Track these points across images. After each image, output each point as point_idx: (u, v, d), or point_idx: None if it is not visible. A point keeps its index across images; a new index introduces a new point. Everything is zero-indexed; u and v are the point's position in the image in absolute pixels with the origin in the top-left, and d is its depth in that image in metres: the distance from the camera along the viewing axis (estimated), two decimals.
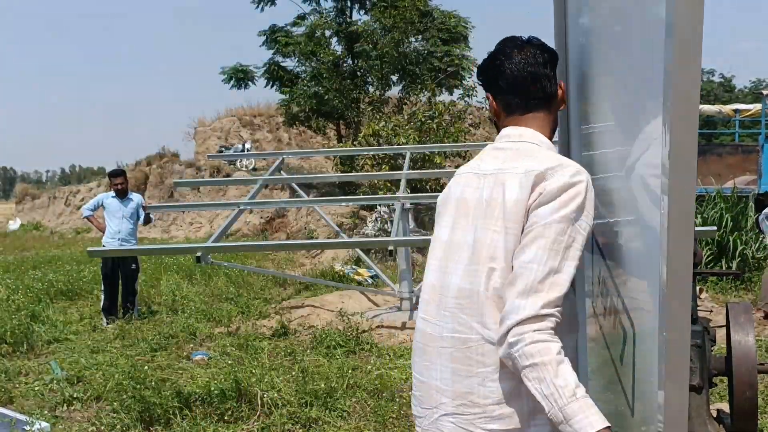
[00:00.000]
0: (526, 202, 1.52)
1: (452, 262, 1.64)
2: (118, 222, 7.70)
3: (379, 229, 12.85)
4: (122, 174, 8.02)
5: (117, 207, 7.72)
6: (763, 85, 49.25)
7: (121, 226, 7.70)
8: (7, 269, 11.55)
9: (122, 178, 7.84)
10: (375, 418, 4.35)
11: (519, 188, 1.54)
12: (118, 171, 8.20)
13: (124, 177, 7.92)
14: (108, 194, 7.88)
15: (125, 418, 4.34)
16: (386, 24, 16.51)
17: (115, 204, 7.73)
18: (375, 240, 10.19)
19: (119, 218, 7.70)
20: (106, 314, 7.54)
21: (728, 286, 8.08)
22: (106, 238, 7.75)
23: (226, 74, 19.62)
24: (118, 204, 7.73)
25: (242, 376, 4.59)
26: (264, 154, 15.54)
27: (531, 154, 1.61)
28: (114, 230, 7.70)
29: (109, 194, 7.87)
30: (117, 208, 7.72)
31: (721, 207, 9.00)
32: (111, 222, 7.74)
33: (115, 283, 7.69)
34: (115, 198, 7.75)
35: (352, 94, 17.35)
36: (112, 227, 7.72)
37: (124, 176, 7.94)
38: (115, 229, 7.70)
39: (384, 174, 12.46)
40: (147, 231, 19.95)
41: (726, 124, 22.75)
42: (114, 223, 7.71)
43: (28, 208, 27.93)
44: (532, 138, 1.67)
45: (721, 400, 4.51)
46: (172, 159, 22.21)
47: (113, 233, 7.69)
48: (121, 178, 7.85)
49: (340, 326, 6.69)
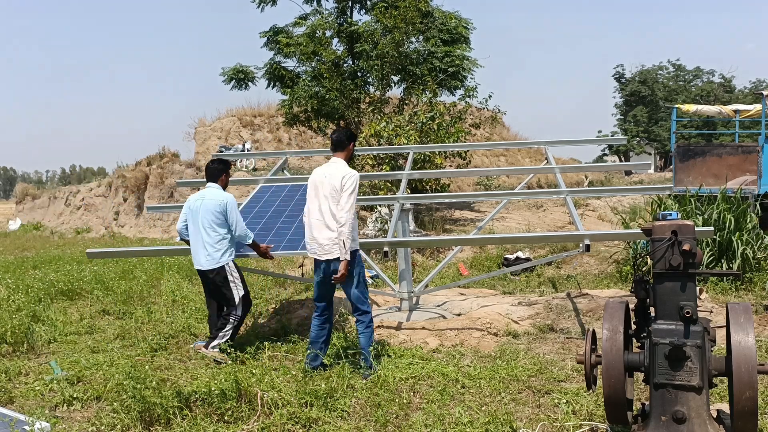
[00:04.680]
0: (340, 184, 5.23)
1: (321, 209, 5.34)
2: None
3: (379, 230, 12.85)
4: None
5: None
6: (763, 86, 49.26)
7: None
8: (7, 269, 11.55)
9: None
10: (375, 418, 4.36)
11: (339, 180, 5.24)
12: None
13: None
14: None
15: (125, 418, 4.34)
16: (387, 24, 16.51)
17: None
18: (369, 241, 10.17)
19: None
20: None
21: (728, 286, 8.08)
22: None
23: (227, 75, 19.65)
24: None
25: (242, 376, 4.59)
26: (265, 154, 15.51)
27: (341, 166, 5.40)
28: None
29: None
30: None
31: (722, 207, 8.99)
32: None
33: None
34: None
35: (353, 94, 17.35)
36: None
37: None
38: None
39: (384, 174, 12.45)
40: (147, 231, 19.96)
41: (726, 124, 22.75)
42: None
43: (29, 208, 27.95)
44: (342, 161, 5.51)
45: (721, 400, 4.51)
46: (172, 159, 22.22)
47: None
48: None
49: (340, 326, 6.70)
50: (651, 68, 59.72)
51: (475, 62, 18.80)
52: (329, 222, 5.25)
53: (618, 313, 3.65)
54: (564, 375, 5.22)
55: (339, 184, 5.23)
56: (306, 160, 22.48)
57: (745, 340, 3.35)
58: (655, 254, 3.53)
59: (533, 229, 15.05)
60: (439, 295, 8.58)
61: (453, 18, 18.86)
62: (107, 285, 9.19)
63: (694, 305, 3.47)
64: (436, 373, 5.26)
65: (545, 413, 4.41)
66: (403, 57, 17.25)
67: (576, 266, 10.64)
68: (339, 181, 5.24)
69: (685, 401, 3.42)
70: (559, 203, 18.63)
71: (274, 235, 6.47)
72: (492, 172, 12.01)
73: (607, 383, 3.51)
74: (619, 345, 3.53)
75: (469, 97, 17.77)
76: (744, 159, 11.82)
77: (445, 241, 9.26)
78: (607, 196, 18.40)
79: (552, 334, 6.60)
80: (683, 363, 3.41)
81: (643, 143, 55.32)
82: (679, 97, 53.53)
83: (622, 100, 60.15)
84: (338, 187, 5.23)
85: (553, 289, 8.94)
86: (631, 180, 33.31)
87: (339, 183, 5.24)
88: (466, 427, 4.15)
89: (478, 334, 6.55)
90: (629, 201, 19.04)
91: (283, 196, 7.61)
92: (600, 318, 6.64)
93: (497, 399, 4.71)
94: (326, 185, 5.32)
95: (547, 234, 11.85)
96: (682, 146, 12.64)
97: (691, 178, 11.87)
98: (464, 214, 17.92)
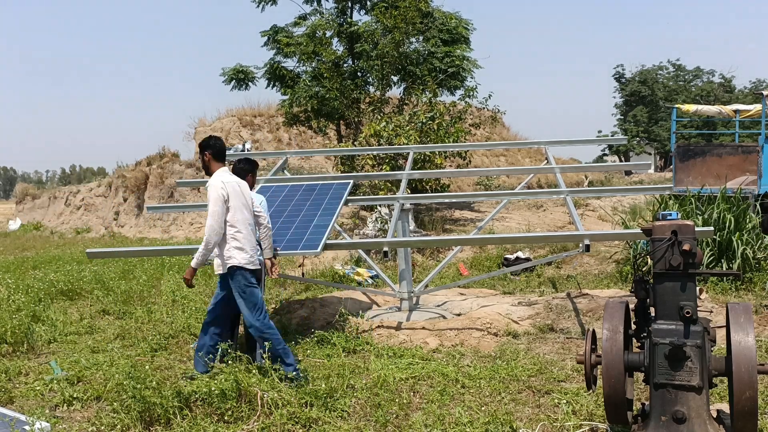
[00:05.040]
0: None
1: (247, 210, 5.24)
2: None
3: (379, 230, 12.85)
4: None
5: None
6: (763, 86, 49.26)
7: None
8: (7, 269, 11.55)
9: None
10: (375, 418, 4.36)
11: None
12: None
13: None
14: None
15: (125, 418, 4.34)
16: (387, 24, 16.52)
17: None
18: (369, 241, 10.19)
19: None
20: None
21: (728, 286, 8.08)
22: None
23: (227, 75, 19.65)
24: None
25: (242, 376, 4.59)
26: (265, 154, 15.52)
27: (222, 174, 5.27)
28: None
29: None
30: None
31: (722, 207, 8.98)
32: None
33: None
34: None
35: (353, 94, 17.36)
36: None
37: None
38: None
39: (384, 174, 12.44)
40: (147, 231, 19.96)
41: (726, 124, 22.75)
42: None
43: (29, 208, 27.94)
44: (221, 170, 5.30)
45: (721, 400, 4.51)
46: (172, 159, 22.19)
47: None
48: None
49: (340, 326, 6.70)
50: (651, 68, 59.70)
51: (475, 62, 18.81)
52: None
53: (618, 313, 3.65)
54: (564, 375, 5.22)
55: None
56: (306, 160, 22.48)
57: (745, 340, 3.34)
58: (655, 254, 3.53)
59: (533, 229, 15.05)
60: (439, 295, 8.58)
61: (453, 18, 18.86)
62: (107, 285, 9.19)
63: (694, 305, 3.47)
64: (436, 373, 5.26)
65: (545, 413, 4.41)
66: (403, 57, 17.25)
67: (576, 266, 10.64)
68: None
69: (685, 401, 3.42)
70: (559, 203, 18.63)
71: (274, 235, 6.46)
72: (492, 172, 12.02)
73: (607, 383, 3.51)
74: (619, 345, 3.53)
75: (469, 97, 17.78)
76: (744, 159, 11.82)
77: (445, 241, 9.26)
78: (607, 196, 18.40)
79: (552, 334, 6.60)
80: (683, 363, 3.41)
81: (643, 143, 55.30)
82: (679, 97, 53.52)
83: (622, 100, 60.13)
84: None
85: (553, 289, 8.94)
86: (631, 180, 33.30)
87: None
88: (466, 427, 4.15)
89: (478, 334, 6.55)
90: (629, 201, 19.03)
91: (283, 196, 7.61)
92: (600, 318, 6.64)
93: (497, 399, 4.71)
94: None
95: (547, 234, 11.85)
96: (682, 146, 12.64)
97: (691, 178, 11.87)
98: (464, 214, 17.91)
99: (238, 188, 5.28)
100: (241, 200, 5.24)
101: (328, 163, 21.77)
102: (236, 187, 5.26)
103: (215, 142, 5.44)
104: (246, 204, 5.29)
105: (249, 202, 5.36)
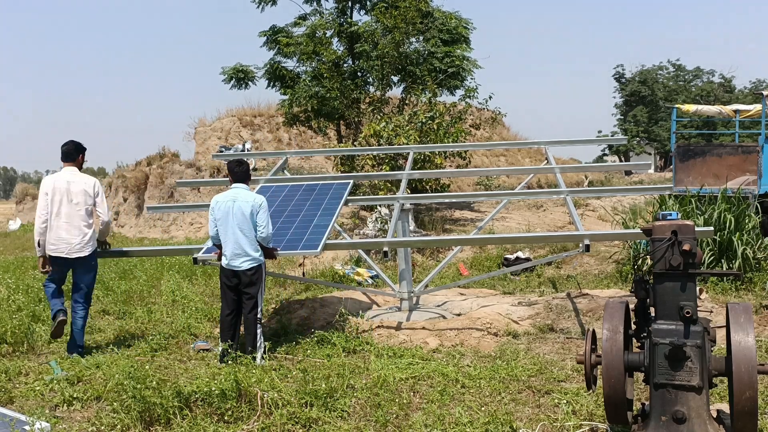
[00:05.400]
0: (93, 190, 6.14)
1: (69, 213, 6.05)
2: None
3: (379, 230, 12.85)
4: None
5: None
6: (763, 86, 49.25)
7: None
8: (7, 269, 11.54)
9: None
10: (375, 418, 4.36)
11: (92, 187, 6.14)
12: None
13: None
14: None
15: (125, 418, 4.34)
16: (387, 24, 16.52)
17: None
18: (369, 241, 10.20)
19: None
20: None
21: (728, 286, 8.08)
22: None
23: (227, 74, 19.65)
24: None
25: (242, 376, 4.59)
26: (265, 154, 15.53)
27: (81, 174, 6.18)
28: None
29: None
30: None
31: (722, 208, 8.98)
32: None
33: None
34: None
35: (353, 94, 17.35)
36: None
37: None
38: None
39: (384, 174, 12.44)
40: (147, 231, 19.96)
41: (726, 124, 22.74)
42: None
43: (29, 208, 27.91)
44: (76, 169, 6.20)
45: (721, 400, 4.51)
46: (172, 159, 22.17)
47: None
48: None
49: (340, 326, 6.69)
50: (651, 68, 59.69)
51: (475, 63, 18.81)
52: (79, 224, 6.00)
53: (618, 313, 3.65)
54: (564, 375, 5.22)
55: (92, 190, 6.09)
56: (306, 160, 22.47)
57: (745, 340, 3.35)
58: (655, 254, 3.53)
59: (533, 229, 15.05)
60: (439, 295, 8.58)
61: (453, 18, 18.86)
62: (107, 285, 9.18)
63: (694, 305, 3.47)
64: (436, 373, 5.26)
65: (545, 413, 4.41)
66: (403, 57, 17.25)
67: (576, 266, 10.64)
68: (92, 188, 6.09)
69: (685, 401, 3.42)
70: (559, 203, 18.62)
71: (275, 235, 6.47)
72: (492, 172, 12.03)
73: (607, 383, 3.51)
74: (619, 345, 3.53)
75: (470, 97, 17.77)
76: (744, 159, 11.81)
77: (445, 241, 9.27)
78: (607, 196, 18.39)
79: (552, 334, 6.60)
80: (683, 363, 3.41)
81: (643, 143, 55.29)
82: (679, 97, 53.50)
83: (622, 100, 60.11)
84: (92, 194, 6.07)
85: (553, 289, 8.94)
86: (631, 180, 33.28)
87: (92, 189, 6.09)
88: (466, 427, 4.15)
89: (478, 334, 6.55)
90: (629, 201, 19.02)
91: (283, 196, 7.60)
92: (600, 318, 6.64)
93: (497, 399, 4.71)
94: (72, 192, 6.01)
95: (547, 234, 11.86)
96: (682, 146, 12.64)
97: (691, 178, 11.86)
98: (464, 214, 17.91)
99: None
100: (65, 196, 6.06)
101: (328, 163, 21.76)
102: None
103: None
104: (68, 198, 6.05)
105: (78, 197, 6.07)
